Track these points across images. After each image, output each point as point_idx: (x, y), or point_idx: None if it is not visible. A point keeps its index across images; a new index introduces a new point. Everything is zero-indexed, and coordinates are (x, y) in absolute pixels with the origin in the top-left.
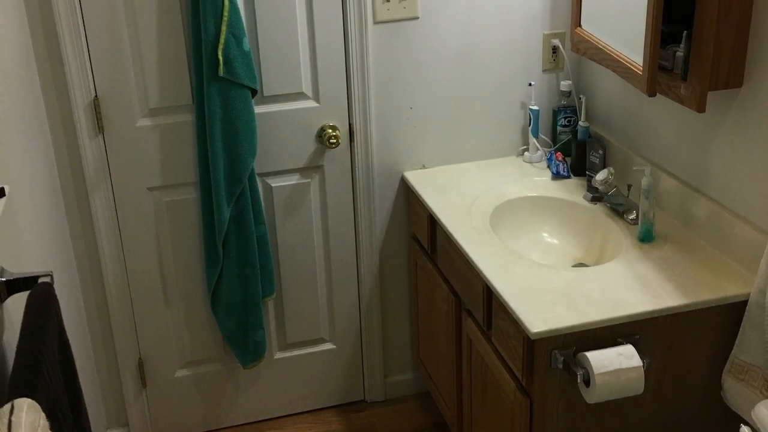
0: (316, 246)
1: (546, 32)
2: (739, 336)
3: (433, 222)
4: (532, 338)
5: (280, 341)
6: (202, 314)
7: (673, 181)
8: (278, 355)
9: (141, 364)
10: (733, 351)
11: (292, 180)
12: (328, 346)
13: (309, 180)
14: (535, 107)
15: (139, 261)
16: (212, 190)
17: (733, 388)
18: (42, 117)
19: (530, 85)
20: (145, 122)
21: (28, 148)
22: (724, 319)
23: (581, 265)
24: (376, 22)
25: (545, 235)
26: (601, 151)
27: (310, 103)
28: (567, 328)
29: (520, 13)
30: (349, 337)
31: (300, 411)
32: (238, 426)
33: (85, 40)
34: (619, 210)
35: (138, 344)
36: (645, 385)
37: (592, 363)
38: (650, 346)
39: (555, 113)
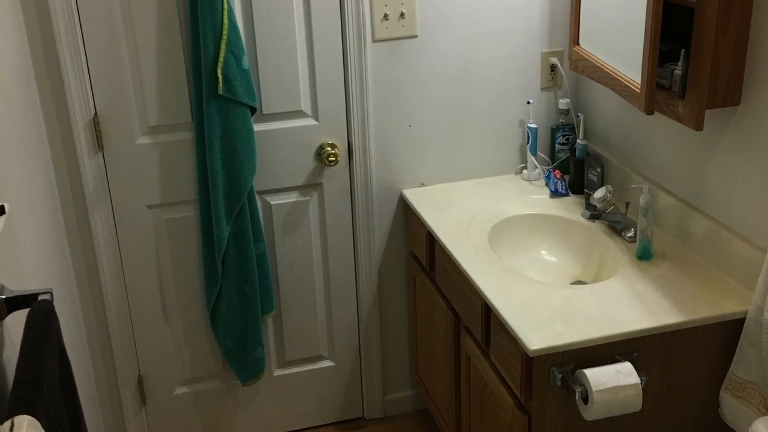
0: (315, 263)
1: (544, 50)
2: (736, 353)
3: (431, 240)
4: (530, 355)
5: (279, 358)
6: (201, 332)
7: (671, 199)
8: (277, 373)
9: (140, 382)
10: (730, 368)
11: (291, 198)
12: (327, 363)
13: (308, 198)
14: (533, 125)
15: (138, 278)
16: (211, 208)
17: (730, 405)
18: (42, 135)
19: (528, 103)
20: (144, 140)
21: (28, 165)
22: (722, 337)
23: (579, 282)
24: (374, 41)
25: (543, 252)
26: (599, 169)
27: (309, 121)
28: (565, 345)
29: (519, 32)
30: (348, 355)
31: (299, 428)
32: None
33: (85, 59)
34: (617, 228)
35: (137, 361)
36: (643, 403)
37: (590, 380)
38: (648, 363)
39: (553, 131)
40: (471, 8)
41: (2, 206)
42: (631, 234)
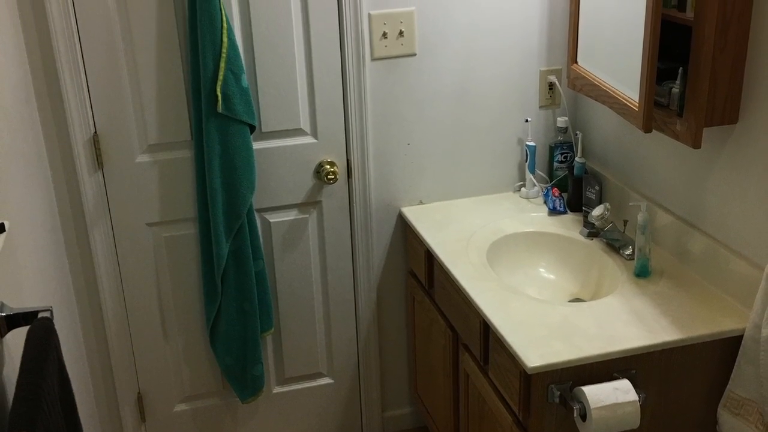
0: (314, 281)
1: (542, 69)
2: (734, 370)
3: (430, 257)
4: (528, 373)
5: (279, 376)
6: (200, 349)
7: (668, 217)
8: (276, 390)
9: (140, 399)
10: (728, 385)
11: (291, 215)
12: (326, 380)
13: (307, 215)
14: (531, 143)
15: (138, 296)
16: (211, 226)
17: (728, 423)
18: (42, 153)
19: (527, 121)
20: (144, 158)
21: (28, 184)
22: (720, 354)
23: (578, 300)
24: (373, 59)
25: (542, 270)
26: (597, 187)
27: (308, 139)
28: (563, 362)
29: (517, 50)
30: (347, 372)
31: None
32: None
33: (85, 77)
34: (615, 245)
35: (137, 379)
36: (641, 420)
37: (588, 397)
38: (646, 380)
39: (551, 149)
40: (469, 27)
41: (2, 224)
42: (629, 251)
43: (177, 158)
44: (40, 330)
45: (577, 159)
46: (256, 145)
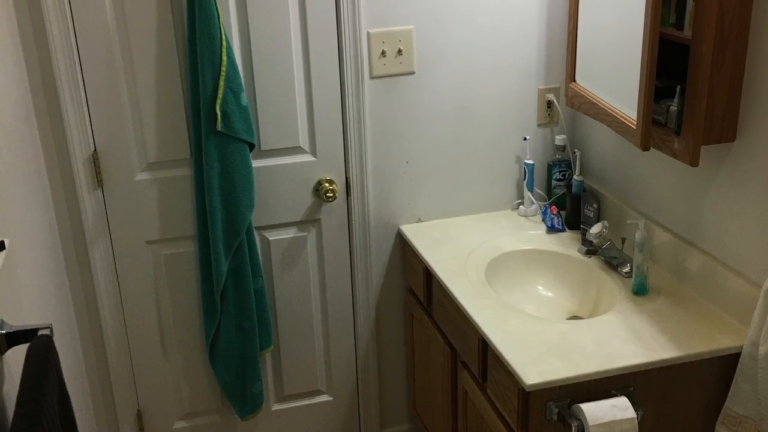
0: (313, 298)
1: (541, 87)
2: (732, 388)
3: (429, 275)
4: (527, 390)
5: (278, 393)
6: (200, 366)
7: (666, 235)
8: (275, 407)
9: (140, 416)
10: (726, 403)
11: (290, 233)
12: (325, 397)
13: (306, 233)
14: (530, 161)
15: (137, 313)
16: (210, 244)
17: None
18: (41, 171)
19: (525, 139)
20: (143, 176)
21: (28, 201)
22: (718, 371)
23: (576, 317)
24: (372, 77)
25: (540, 287)
26: (595, 205)
27: (307, 157)
28: (562, 380)
29: (515, 68)
30: (346, 389)
31: None
32: None
33: (85, 95)
34: (613, 263)
35: (137, 396)
36: None
37: (586, 415)
38: (644, 397)
39: (550, 167)
40: (468, 45)
41: (2, 242)
42: (627, 269)
43: (176, 176)
44: (40, 347)
45: (575, 177)
46: (256, 163)
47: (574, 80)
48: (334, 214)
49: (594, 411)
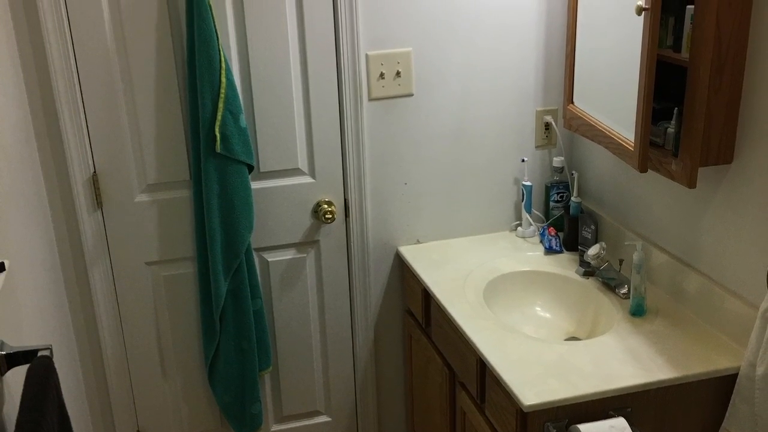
0: (312, 320)
1: (539, 109)
2: (729, 409)
3: (427, 296)
4: (525, 411)
5: (277, 414)
6: (199, 387)
7: (664, 256)
8: (274, 428)
9: None
10: (723, 423)
11: (288, 255)
12: (323, 418)
13: (305, 255)
14: (528, 183)
15: (137, 334)
16: (209, 265)
17: None
18: (41, 193)
19: (523, 161)
20: (143, 198)
21: (28, 223)
22: (715, 392)
23: (574, 338)
24: (371, 99)
25: (538, 309)
26: (593, 227)
27: (306, 179)
28: (559, 400)
29: (513, 91)
30: (345, 410)
31: None
32: None
33: (84, 117)
34: (611, 284)
35: (136, 417)
36: None
37: None
38: (642, 418)
39: (548, 189)
40: (466, 67)
41: (2, 263)
42: (624, 290)
43: (176, 198)
44: (40, 368)
45: (573, 198)
46: (255, 185)
47: (572, 102)
48: (332, 235)
49: None
